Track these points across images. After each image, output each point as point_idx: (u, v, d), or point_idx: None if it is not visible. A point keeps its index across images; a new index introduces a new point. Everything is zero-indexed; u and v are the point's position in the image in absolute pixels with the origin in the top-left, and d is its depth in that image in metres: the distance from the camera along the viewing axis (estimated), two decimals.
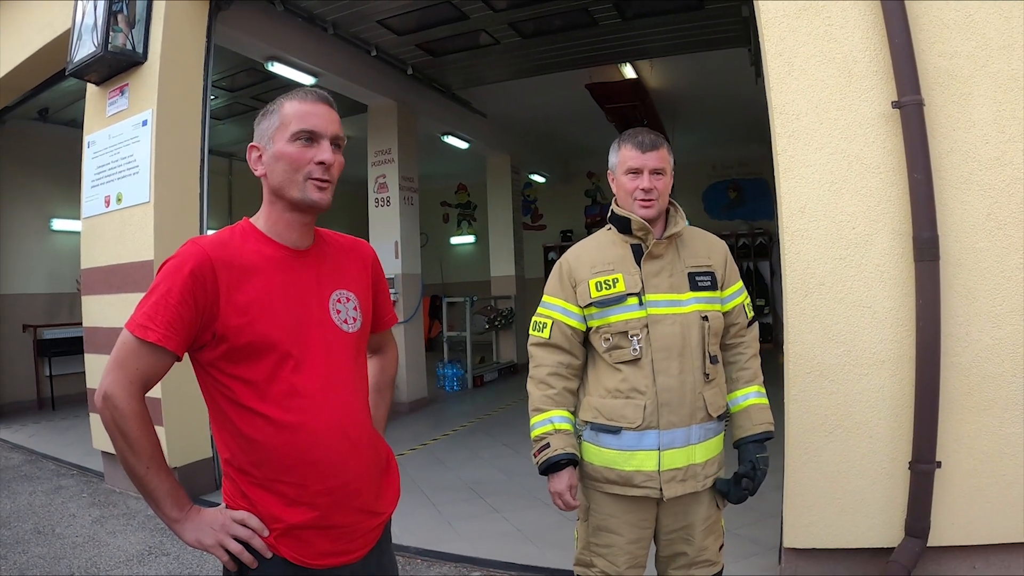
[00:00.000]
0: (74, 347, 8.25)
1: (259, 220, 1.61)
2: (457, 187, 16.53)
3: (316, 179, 1.54)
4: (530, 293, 13.77)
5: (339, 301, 1.63)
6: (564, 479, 2.13)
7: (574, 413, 2.26)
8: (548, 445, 2.14)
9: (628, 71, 8.63)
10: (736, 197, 13.67)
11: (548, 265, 15.16)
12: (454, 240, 16.82)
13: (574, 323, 2.21)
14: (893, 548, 2.92)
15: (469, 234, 16.69)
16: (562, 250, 14.67)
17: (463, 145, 10.38)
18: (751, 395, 2.28)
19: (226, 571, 1.53)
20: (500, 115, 10.66)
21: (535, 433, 2.19)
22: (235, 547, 1.47)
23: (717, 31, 7.00)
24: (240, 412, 1.49)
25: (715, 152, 13.25)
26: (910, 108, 2.82)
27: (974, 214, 2.83)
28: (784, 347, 3.09)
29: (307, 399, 1.51)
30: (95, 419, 5.49)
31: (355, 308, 1.66)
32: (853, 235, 2.94)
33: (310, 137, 1.53)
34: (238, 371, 1.48)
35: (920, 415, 2.85)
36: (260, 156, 1.58)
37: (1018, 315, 2.80)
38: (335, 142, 1.57)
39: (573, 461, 2.16)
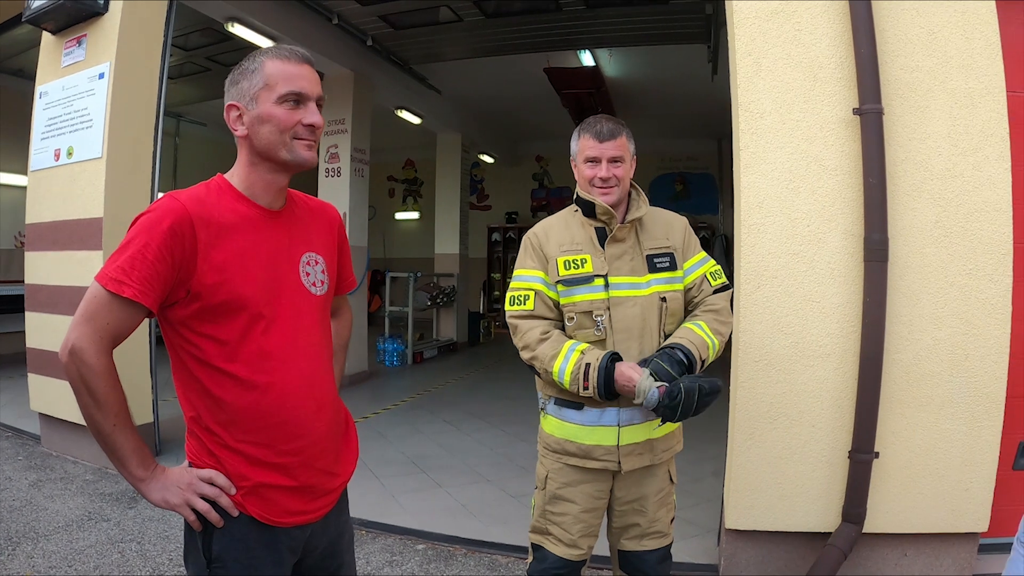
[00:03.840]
0: (7, 306, 7.89)
1: (234, 178, 1.57)
2: (405, 162, 16.42)
3: (303, 138, 1.52)
4: (473, 272, 13.85)
5: (308, 264, 1.62)
6: (624, 371, 2.03)
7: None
8: (588, 364, 2.06)
9: (586, 58, 8.71)
10: (682, 190, 13.92)
11: (492, 246, 15.26)
12: (399, 216, 16.73)
13: (552, 294, 2.21)
14: (830, 533, 3.07)
15: (414, 210, 16.60)
16: (506, 231, 14.94)
17: (416, 120, 10.32)
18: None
19: (189, 530, 1.52)
20: (455, 93, 10.64)
21: (569, 368, 2.08)
22: (202, 506, 1.47)
23: (679, 26, 7.13)
24: (209, 372, 1.48)
25: (664, 144, 13.43)
26: (870, 116, 2.94)
27: (923, 221, 2.97)
28: (733, 336, 3.17)
29: (276, 361, 1.51)
30: (34, 380, 5.28)
31: (323, 271, 1.66)
32: (807, 232, 3.05)
33: (297, 99, 1.51)
34: (209, 330, 1.47)
35: (861, 407, 2.99)
36: (240, 116, 1.53)
37: (957, 318, 2.96)
38: (319, 103, 1.56)
39: (617, 356, 2.08)
